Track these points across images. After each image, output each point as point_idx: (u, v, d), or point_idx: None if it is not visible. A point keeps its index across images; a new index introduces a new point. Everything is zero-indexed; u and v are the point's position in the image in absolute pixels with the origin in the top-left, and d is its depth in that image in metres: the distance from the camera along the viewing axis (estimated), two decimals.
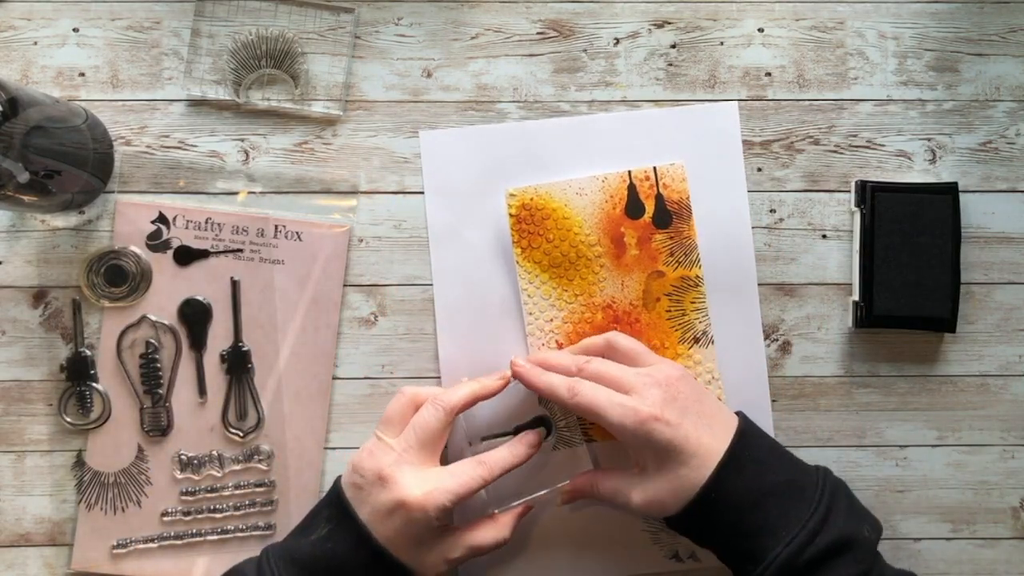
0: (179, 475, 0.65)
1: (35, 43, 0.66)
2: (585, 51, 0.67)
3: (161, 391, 0.65)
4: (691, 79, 0.67)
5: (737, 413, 0.59)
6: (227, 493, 0.65)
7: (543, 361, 0.60)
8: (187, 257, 0.65)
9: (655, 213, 0.65)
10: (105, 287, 0.65)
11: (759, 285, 0.66)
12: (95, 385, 0.65)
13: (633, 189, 0.65)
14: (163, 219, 0.66)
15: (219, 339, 0.66)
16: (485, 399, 0.60)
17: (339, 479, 0.59)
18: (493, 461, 0.57)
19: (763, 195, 0.67)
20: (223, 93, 0.66)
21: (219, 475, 0.65)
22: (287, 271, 0.66)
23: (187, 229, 0.66)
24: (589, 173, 0.65)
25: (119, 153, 0.66)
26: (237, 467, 0.65)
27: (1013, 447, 0.66)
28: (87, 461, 0.65)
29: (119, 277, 0.65)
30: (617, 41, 0.67)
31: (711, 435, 0.56)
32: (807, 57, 0.67)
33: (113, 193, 0.66)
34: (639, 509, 0.57)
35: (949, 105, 0.67)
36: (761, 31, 0.67)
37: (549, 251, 0.65)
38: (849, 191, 0.66)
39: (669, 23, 0.67)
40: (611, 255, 0.65)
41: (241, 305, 0.66)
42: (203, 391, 0.66)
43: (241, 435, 0.65)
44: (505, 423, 0.63)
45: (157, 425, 0.65)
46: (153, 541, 0.64)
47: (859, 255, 0.65)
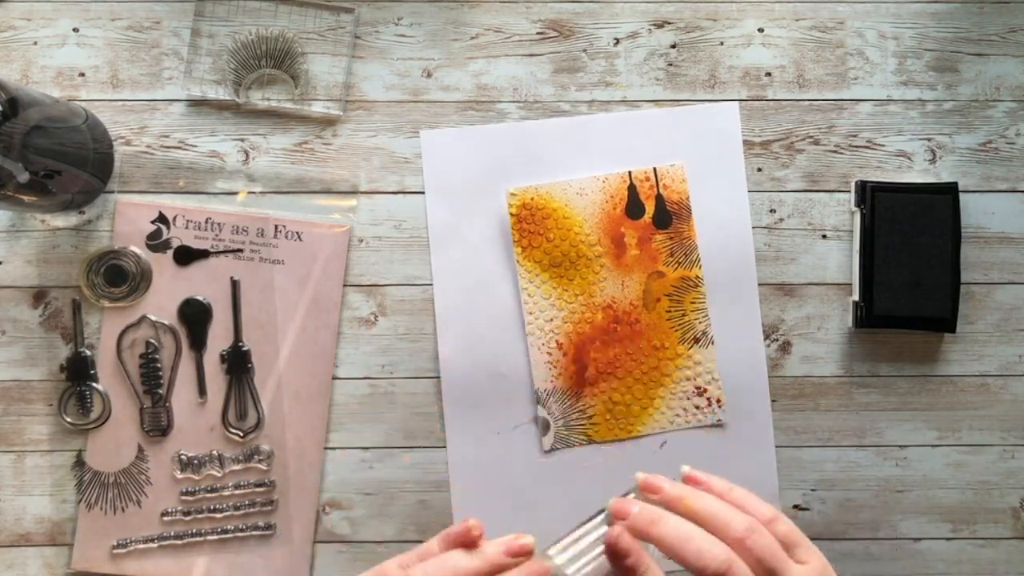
0: (179, 475, 0.65)
1: (35, 43, 0.66)
2: (585, 51, 0.67)
3: (161, 391, 0.65)
4: (691, 79, 0.67)
5: None
6: (227, 493, 0.65)
7: (690, 510, 0.45)
8: (187, 257, 0.65)
9: (655, 213, 0.65)
10: (105, 287, 0.65)
11: (759, 285, 0.66)
12: (95, 385, 0.65)
13: (633, 189, 0.65)
14: (163, 219, 0.66)
15: (219, 339, 0.66)
16: None
17: None
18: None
19: (763, 195, 0.67)
20: (223, 93, 0.66)
21: (219, 475, 0.65)
22: (287, 271, 0.66)
23: (187, 229, 0.66)
24: (589, 173, 0.65)
25: (119, 153, 0.66)
26: (237, 467, 0.65)
27: (1013, 447, 0.66)
28: (87, 461, 0.65)
29: (119, 277, 0.65)
30: (617, 41, 0.67)
31: None
32: (807, 57, 0.67)
33: (113, 193, 0.66)
34: None
35: (949, 105, 0.67)
36: (761, 31, 0.67)
37: (549, 251, 0.65)
38: (849, 191, 0.66)
39: (669, 23, 0.67)
40: (611, 255, 0.65)
41: (241, 305, 0.66)
42: (203, 391, 0.66)
43: (241, 435, 0.65)
44: (503, 423, 0.63)
45: (157, 425, 0.65)
46: (153, 541, 0.64)
47: (859, 255, 0.65)
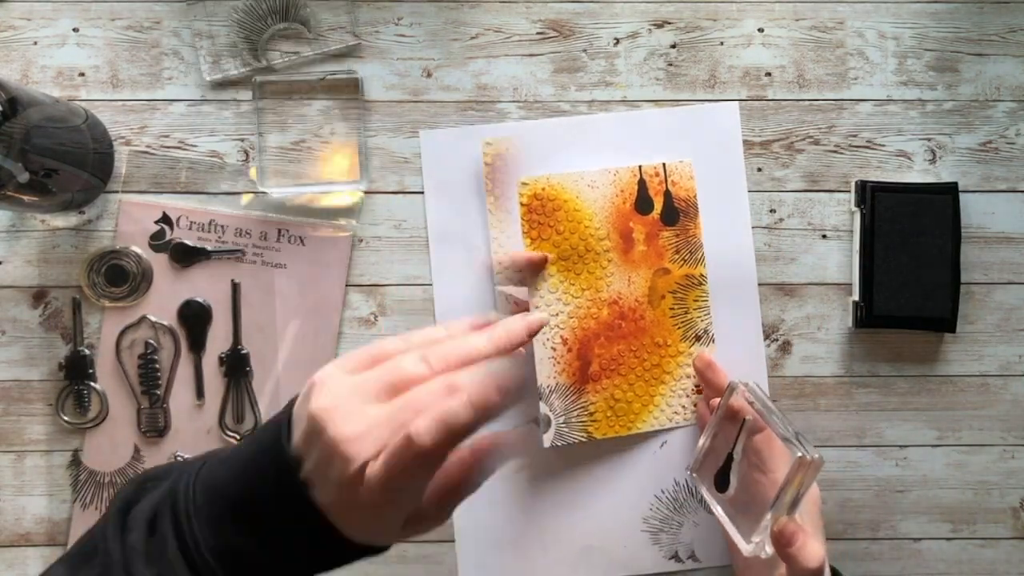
0: None
1: (35, 43, 0.66)
2: (585, 51, 0.67)
3: (159, 392, 0.65)
4: (691, 79, 0.67)
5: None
6: None
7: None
8: (184, 255, 0.65)
9: (663, 210, 0.65)
10: (105, 287, 0.65)
11: (759, 285, 0.66)
12: (93, 384, 0.65)
13: (643, 184, 0.65)
14: (167, 219, 0.66)
15: (218, 341, 0.66)
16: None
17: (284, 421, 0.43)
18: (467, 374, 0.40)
19: (763, 195, 0.67)
20: (242, 65, 0.66)
21: None
22: (289, 275, 0.66)
23: (190, 230, 0.66)
24: (599, 167, 0.65)
25: (120, 153, 0.66)
26: None
27: (1013, 447, 0.66)
28: (83, 460, 0.65)
29: (120, 277, 0.65)
30: (617, 41, 0.67)
31: None
32: (807, 57, 0.67)
33: (113, 193, 0.66)
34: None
35: (949, 105, 0.67)
36: (761, 31, 0.67)
37: (559, 243, 0.64)
38: (849, 191, 0.66)
39: (669, 23, 0.67)
40: (619, 250, 0.65)
41: (241, 308, 0.66)
42: (201, 393, 0.65)
43: (238, 437, 0.65)
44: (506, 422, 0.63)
45: (154, 426, 0.65)
46: None
47: (859, 255, 0.65)
